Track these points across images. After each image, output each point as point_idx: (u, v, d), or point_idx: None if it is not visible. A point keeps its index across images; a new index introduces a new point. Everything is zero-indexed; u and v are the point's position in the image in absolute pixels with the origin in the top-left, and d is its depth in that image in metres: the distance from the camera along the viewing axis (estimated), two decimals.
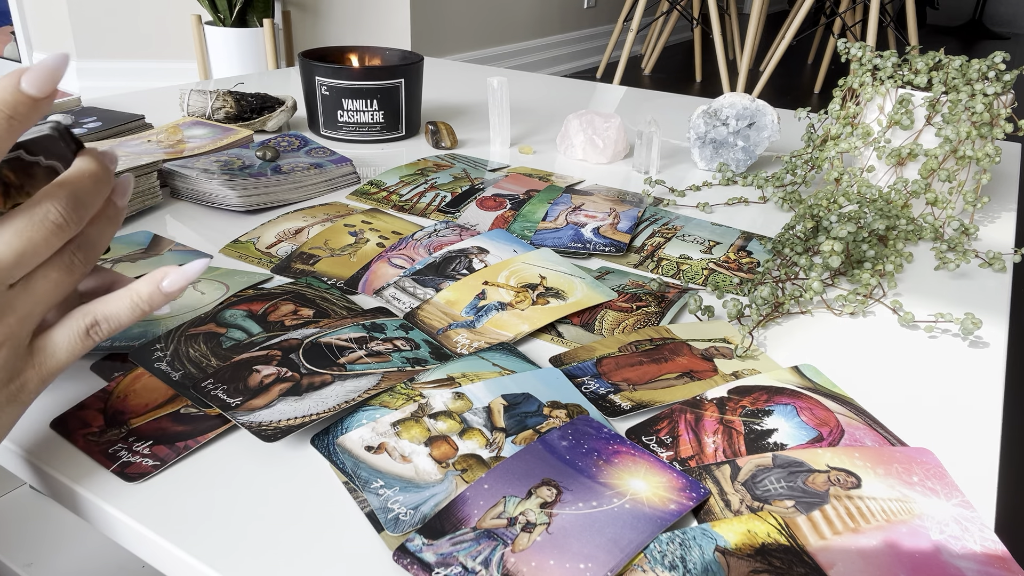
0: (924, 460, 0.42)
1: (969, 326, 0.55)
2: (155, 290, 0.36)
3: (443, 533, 0.35)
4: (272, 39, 2.35)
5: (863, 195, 0.72)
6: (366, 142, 0.95)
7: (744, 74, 2.94)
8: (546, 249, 0.64)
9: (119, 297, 0.36)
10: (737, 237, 0.70)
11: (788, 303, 0.58)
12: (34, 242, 0.32)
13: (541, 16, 3.37)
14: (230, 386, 0.44)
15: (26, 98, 0.31)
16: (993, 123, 0.72)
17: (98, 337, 0.36)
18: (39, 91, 0.31)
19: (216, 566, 0.34)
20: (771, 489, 0.39)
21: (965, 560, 0.35)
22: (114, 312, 0.36)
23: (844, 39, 0.80)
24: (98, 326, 0.36)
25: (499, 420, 0.43)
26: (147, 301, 0.36)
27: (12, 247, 0.32)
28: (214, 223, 0.69)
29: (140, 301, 0.36)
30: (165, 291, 0.37)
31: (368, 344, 0.49)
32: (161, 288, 0.36)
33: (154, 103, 1.03)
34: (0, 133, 0.30)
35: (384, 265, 0.61)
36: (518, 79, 1.34)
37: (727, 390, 0.47)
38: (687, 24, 4.36)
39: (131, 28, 2.55)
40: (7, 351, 0.33)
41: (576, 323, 0.55)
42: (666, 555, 0.34)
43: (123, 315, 0.36)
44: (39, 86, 0.31)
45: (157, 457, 0.39)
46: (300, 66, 0.94)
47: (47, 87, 0.31)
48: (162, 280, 0.36)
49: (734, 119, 0.87)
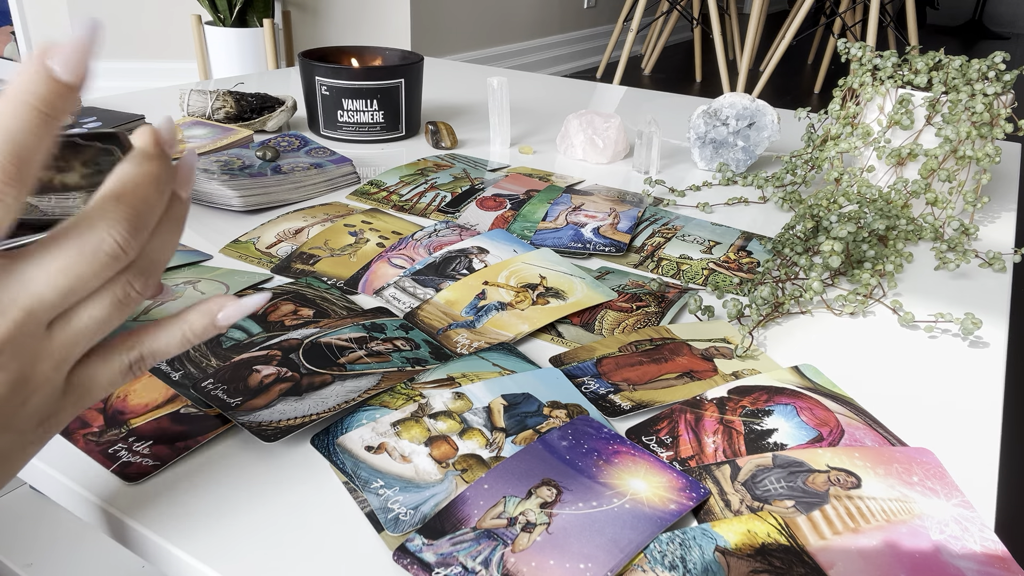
0: (924, 460, 0.42)
1: (969, 326, 0.55)
2: (209, 324, 0.32)
3: (443, 533, 0.35)
4: (272, 39, 2.35)
5: (863, 195, 0.72)
6: (366, 142, 0.95)
7: (744, 74, 2.94)
8: (546, 249, 0.64)
9: (169, 332, 0.32)
10: (737, 237, 0.70)
11: (788, 303, 0.58)
12: (83, 278, 0.27)
13: (541, 16, 3.37)
14: (230, 386, 0.44)
15: (61, 87, 0.24)
16: (993, 123, 0.72)
17: (140, 373, 0.32)
18: (75, 76, 0.25)
19: (216, 566, 0.34)
20: (771, 489, 0.39)
21: (965, 560, 0.35)
22: (163, 348, 0.32)
23: (844, 39, 0.80)
24: (143, 361, 0.32)
25: (499, 420, 0.43)
26: (200, 336, 0.32)
27: (56, 286, 0.26)
28: (214, 223, 0.69)
29: (193, 336, 0.32)
30: (219, 325, 0.32)
31: (368, 344, 0.49)
32: (216, 322, 0.32)
33: (154, 103, 1.03)
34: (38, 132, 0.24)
35: (384, 265, 0.61)
36: (518, 79, 1.34)
37: (727, 390, 0.47)
38: (687, 24, 4.36)
39: (131, 28, 2.55)
40: (40, 398, 0.29)
41: (576, 323, 0.55)
42: (666, 555, 0.34)
43: (172, 350, 0.32)
44: (74, 69, 0.25)
45: (157, 457, 0.39)
46: (300, 66, 0.94)
47: (82, 68, 0.25)
48: (217, 312, 0.32)
49: (734, 119, 0.87)
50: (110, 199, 0.27)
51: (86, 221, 0.27)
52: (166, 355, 0.32)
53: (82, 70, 0.25)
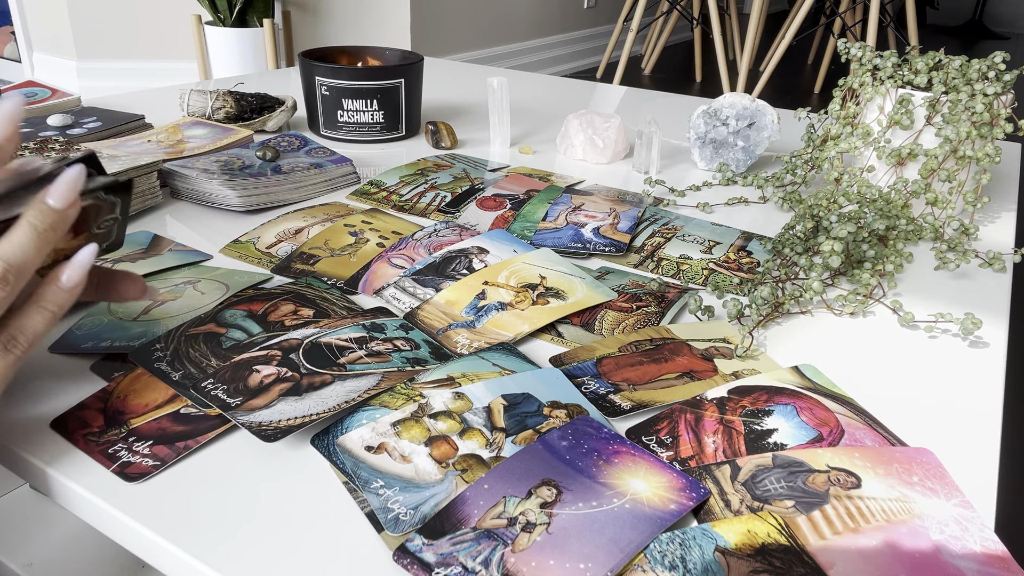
0: (924, 460, 0.42)
1: (969, 326, 0.55)
2: (56, 290, 0.38)
3: (443, 533, 0.35)
4: (272, 39, 2.35)
5: (863, 195, 0.72)
6: (366, 142, 0.95)
7: (744, 74, 2.94)
8: (546, 249, 0.64)
9: (27, 310, 0.37)
10: (737, 237, 0.70)
11: (788, 303, 0.58)
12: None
13: (541, 16, 3.37)
14: (230, 386, 0.44)
15: (54, 212, 0.35)
16: (993, 123, 0.72)
17: (18, 352, 0.37)
18: (64, 204, 0.35)
19: (216, 566, 0.34)
20: (771, 489, 0.39)
21: (965, 560, 0.35)
22: (29, 324, 0.37)
23: (844, 39, 0.80)
24: (15, 340, 0.37)
25: (499, 420, 0.43)
26: (55, 303, 0.38)
27: None
28: (214, 223, 0.69)
29: (49, 305, 0.37)
30: (65, 287, 0.38)
31: (368, 344, 0.49)
32: (61, 286, 0.38)
33: (154, 103, 1.03)
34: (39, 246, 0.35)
35: (384, 265, 0.61)
36: (518, 79, 1.34)
37: (727, 390, 0.47)
38: (687, 24, 4.36)
39: (131, 28, 2.55)
40: None
41: (576, 323, 0.55)
42: (666, 555, 0.34)
43: (38, 325, 0.37)
44: (64, 199, 0.35)
45: (157, 457, 0.39)
46: (300, 66, 0.94)
47: (71, 198, 0.35)
48: (60, 278, 0.38)
49: (734, 119, 0.87)
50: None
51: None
52: (34, 330, 0.37)
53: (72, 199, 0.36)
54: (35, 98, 0.90)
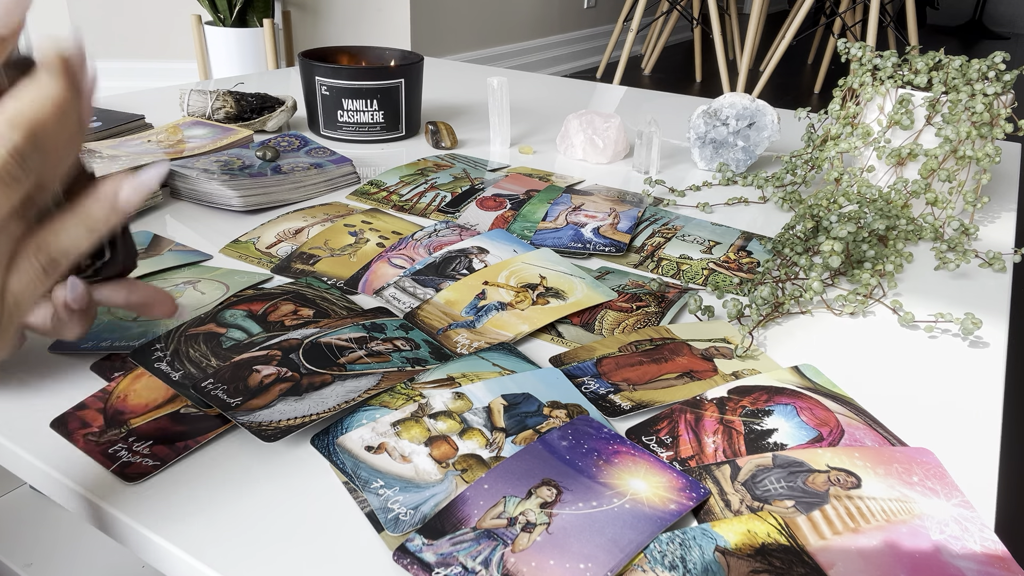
0: (924, 460, 0.42)
1: (969, 326, 0.55)
2: (109, 209, 0.32)
3: (443, 533, 0.35)
4: (272, 39, 2.35)
5: (863, 195, 0.72)
6: (366, 142, 0.95)
7: (744, 74, 2.94)
8: (546, 249, 0.64)
9: (70, 226, 0.31)
10: (737, 237, 0.70)
11: (788, 303, 0.58)
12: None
13: (541, 16, 3.37)
14: (230, 386, 0.44)
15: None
16: (993, 123, 0.72)
17: (55, 275, 0.31)
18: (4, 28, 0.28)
19: (216, 566, 0.34)
20: (771, 489, 0.39)
21: (965, 560, 0.35)
22: (69, 244, 0.31)
23: (844, 39, 0.80)
24: (55, 262, 0.31)
25: (499, 420, 0.43)
26: (103, 223, 0.32)
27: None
28: (214, 223, 0.69)
29: (95, 224, 0.32)
30: (120, 207, 0.32)
31: (368, 344, 0.49)
32: (117, 205, 0.32)
33: (154, 103, 1.03)
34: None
35: (384, 265, 0.61)
36: (518, 79, 1.34)
37: (727, 390, 0.47)
38: (687, 24, 4.36)
39: (131, 28, 2.55)
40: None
41: (576, 323, 0.55)
42: (666, 555, 0.34)
43: (80, 244, 0.31)
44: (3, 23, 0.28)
45: (157, 457, 0.39)
46: (300, 66, 0.94)
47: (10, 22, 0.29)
48: (115, 195, 0.32)
49: (734, 119, 0.87)
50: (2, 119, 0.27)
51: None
52: (77, 250, 0.31)
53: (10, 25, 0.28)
54: None
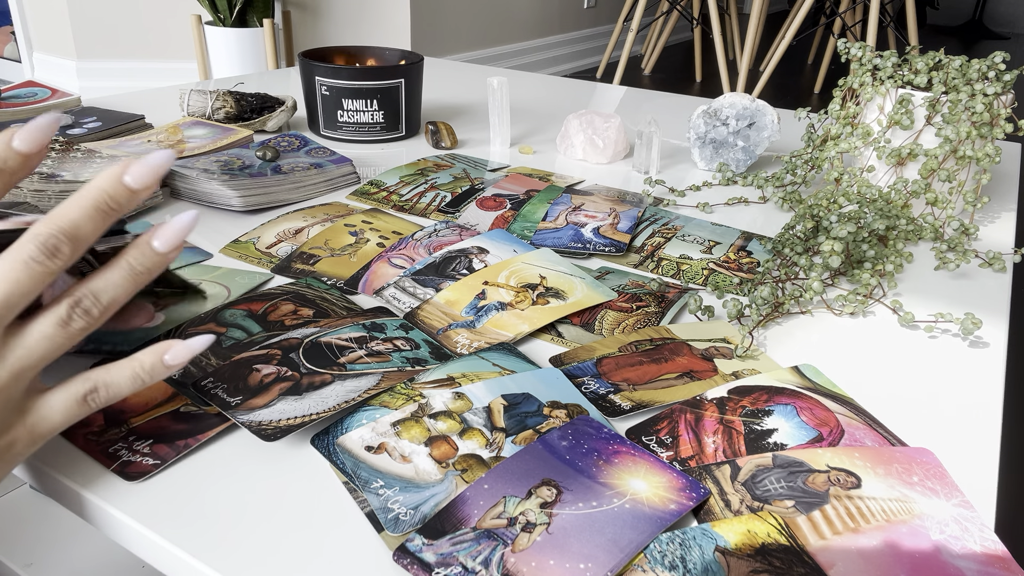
0: (924, 460, 0.42)
1: (969, 326, 0.55)
2: (158, 362, 0.36)
3: (443, 533, 0.35)
4: (272, 39, 2.35)
5: (863, 195, 0.72)
6: (366, 142, 0.95)
7: (744, 74, 2.94)
8: (546, 249, 0.64)
9: (121, 367, 0.36)
10: (737, 237, 0.70)
11: (788, 303, 0.58)
12: (20, 283, 0.32)
13: (541, 16, 3.37)
14: (230, 385, 0.44)
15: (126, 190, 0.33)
16: (993, 123, 0.72)
17: (95, 405, 0.35)
18: (141, 185, 0.33)
19: (216, 566, 0.34)
20: (771, 489, 0.39)
21: (965, 560, 0.35)
22: (115, 381, 0.36)
23: (844, 39, 0.80)
24: (96, 393, 0.35)
25: (499, 420, 0.43)
26: (149, 373, 0.36)
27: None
28: (214, 223, 0.69)
29: (143, 372, 0.36)
30: (168, 364, 0.36)
31: (368, 344, 0.49)
32: (164, 361, 0.36)
33: (154, 103, 1.03)
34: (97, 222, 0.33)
35: (384, 265, 0.61)
36: (518, 79, 1.34)
37: (727, 390, 0.47)
38: (687, 24, 4.36)
39: (131, 28, 2.55)
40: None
41: (576, 323, 0.55)
42: (666, 555, 0.34)
43: (124, 385, 0.36)
44: (141, 181, 0.33)
45: (157, 456, 0.39)
46: (300, 66, 0.94)
47: (149, 181, 0.34)
48: (164, 353, 0.36)
49: (734, 119, 0.87)
50: (44, 218, 0.32)
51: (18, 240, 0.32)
52: (119, 388, 0.36)
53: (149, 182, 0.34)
54: (35, 98, 0.90)
